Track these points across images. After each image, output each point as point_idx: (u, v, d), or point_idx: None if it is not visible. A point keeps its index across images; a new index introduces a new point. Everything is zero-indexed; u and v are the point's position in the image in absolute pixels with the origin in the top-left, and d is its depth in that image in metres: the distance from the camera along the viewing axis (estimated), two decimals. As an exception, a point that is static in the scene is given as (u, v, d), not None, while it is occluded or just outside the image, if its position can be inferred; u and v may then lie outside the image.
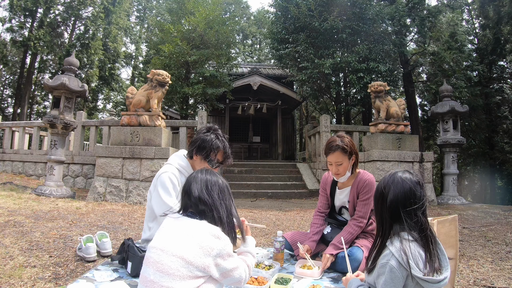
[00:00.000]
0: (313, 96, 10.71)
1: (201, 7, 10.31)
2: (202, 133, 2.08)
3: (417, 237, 1.20)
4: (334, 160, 2.15)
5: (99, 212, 4.43)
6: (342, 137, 2.16)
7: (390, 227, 1.25)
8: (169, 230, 1.37)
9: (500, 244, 3.16)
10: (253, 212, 5.12)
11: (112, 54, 18.49)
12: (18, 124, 9.17)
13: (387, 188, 1.26)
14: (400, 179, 1.26)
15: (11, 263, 2.14)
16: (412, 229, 1.21)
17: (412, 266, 1.13)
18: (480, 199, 15.80)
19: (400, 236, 1.21)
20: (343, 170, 2.16)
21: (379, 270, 1.17)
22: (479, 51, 14.26)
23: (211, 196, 1.43)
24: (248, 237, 1.72)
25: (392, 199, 1.24)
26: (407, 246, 1.17)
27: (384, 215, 1.27)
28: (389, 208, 1.24)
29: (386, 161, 6.22)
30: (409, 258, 1.14)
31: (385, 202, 1.26)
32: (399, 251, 1.16)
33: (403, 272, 1.14)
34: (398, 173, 1.29)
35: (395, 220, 1.23)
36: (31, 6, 13.50)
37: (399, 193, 1.23)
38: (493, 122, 14.20)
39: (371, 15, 8.74)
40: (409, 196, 1.22)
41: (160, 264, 1.26)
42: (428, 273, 1.15)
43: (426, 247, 1.20)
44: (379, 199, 1.30)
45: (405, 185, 1.23)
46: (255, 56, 26.25)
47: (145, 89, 6.04)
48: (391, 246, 1.19)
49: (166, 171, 2.06)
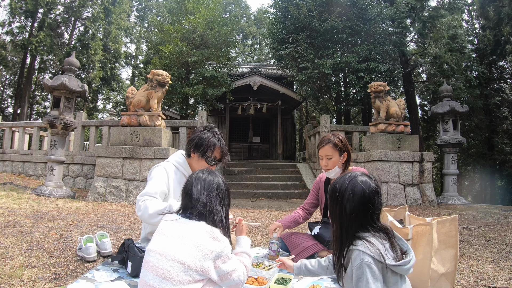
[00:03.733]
0: (313, 96, 10.71)
1: (201, 8, 10.31)
2: (199, 131, 2.10)
3: (376, 233, 1.23)
4: (324, 154, 2.24)
5: (99, 212, 4.43)
6: (336, 134, 2.28)
7: (347, 229, 1.25)
8: (167, 233, 1.35)
9: (500, 244, 3.16)
10: (253, 212, 5.12)
11: (113, 55, 18.48)
12: (18, 124, 9.17)
13: (346, 194, 1.25)
14: (359, 186, 1.25)
15: (11, 263, 2.14)
16: (370, 229, 1.24)
17: (383, 256, 1.15)
18: (480, 199, 15.81)
19: (361, 236, 1.22)
20: (332, 164, 2.24)
21: (357, 273, 1.16)
22: (479, 52, 14.27)
23: (212, 198, 1.42)
24: (243, 237, 1.71)
25: (350, 205, 1.24)
26: (372, 241, 1.19)
27: (340, 219, 1.27)
28: (346, 213, 1.24)
29: (386, 161, 6.23)
30: (380, 250, 1.16)
31: (343, 208, 1.26)
32: (368, 248, 1.17)
33: (378, 265, 1.15)
34: (358, 177, 1.28)
35: (351, 223, 1.24)
36: (32, 8, 13.49)
37: (358, 200, 1.23)
38: (493, 123, 14.21)
39: (371, 16, 8.74)
40: (367, 203, 1.23)
41: (160, 269, 1.26)
42: (398, 258, 1.19)
43: (387, 238, 1.23)
44: (337, 203, 1.29)
45: (364, 192, 1.24)
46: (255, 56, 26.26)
47: (145, 89, 6.04)
48: (357, 246, 1.20)
49: (158, 165, 2.09)
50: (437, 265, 1.68)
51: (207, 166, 2.05)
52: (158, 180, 1.98)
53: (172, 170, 2.08)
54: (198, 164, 2.06)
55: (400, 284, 1.18)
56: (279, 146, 13.07)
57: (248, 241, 1.71)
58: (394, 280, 1.17)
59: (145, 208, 1.79)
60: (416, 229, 1.75)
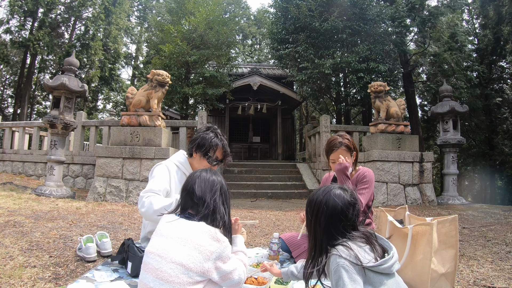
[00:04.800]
0: (313, 96, 10.71)
1: (201, 8, 10.31)
2: (202, 131, 2.13)
3: (354, 237, 1.24)
4: (338, 158, 2.18)
5: (99, 212, 4.43)
6: (343, 136, 2.24)
7: (321, 239, 1.27)
8: (166, 235, 1.34)
9: (500, 244, 3.16)
10: (253, 212, 5.12)
11: (112, 55, 18.47)
12: (18, 124, 9.17)
13: (320, 207, 1.28)
14: (332, 200, 1.27)
15: (11, 263, 2.14)
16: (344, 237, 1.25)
17: (361, 259, 1.15)
18: (480, 199, 15.82)
19: (337, 243, 1.24)
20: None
21: (334, 276, 1.17)
22: (479, 51, 14.26)
23: (216, 198, 1.41)
24: (238, 235, 1.71)
25: (324, 217, 1.26)
26: (348, 245, 1.20)
27: (315, 229, 1.30)
28: (320, 224, 1.27)
29: (386, 161, 6.23)
30: (356, 252, 1.17)
31: (318, 220, 1.28)
32: (343, 252, 1.17)
33: (355, 268, 1.15)
34: (331, 191, 1.30)
35: (326, 233, 1.27)
36: (32, 7, 13.49)
37: (330, 213, 1.26)
38: (493, 123, 14.20)
39: (371, 16, 8.74)
40: (339, 216, 1.25)
41: (160, 271, 1.25)
42: (377, 258, 1.18)
43: (366, 242, 1.24)
44: (312, 216, 1.31)
45: (336, 206, 1.26)
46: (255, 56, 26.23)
47: (145, 89, 6.04)
48: (333, 252, 1.21)
49: (160, 163, 2.10)
50: (437, 265, 1.68)
51: (209, 166, 2.06)
52: (160, 178, 1.99)
53: (173, 169, 2.09)
54: (200, 163, 2.07)
55: (387, 282, 1.18)
56: (279, 146, 13.07)
57: (243, 239, 1.71)
58: (379, 280, 1.17)
59: (150, 204, 1.80)
60: (416, 229, 1.75)
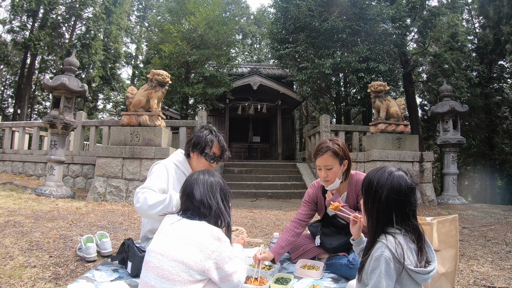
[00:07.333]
0: (313, 96, 10.70)
1: (201, 7, 10.31)
2: (197, 131, 2.14)
3: (407, 233, 1.22)
4: (323, 164, 1.95)
5: (99, 212, 4.43)
6: (334, 140, 2.01)
7: (381, 224, 1.24)
8: (168, 233, 1.35)
9: (500, 244, 3.16)
10: (253, 212, 5.12)
11: (113, 55, 18.48)
12: (18, 124, 9.16)
13: (382, 187, 1.24)
14: (397, 181, 1.23)
15: (11, 263, 2.14)
16: (403, 226, 1.22)
17: (405, 258, 1.14)
18: (480, 199, 15.80)
19: (391, 231, 1.21)
20: (333, 176, 1.96)
21: (373, 264, 1.16)
22: (479, 51, 14.26)
23: (215, 200, 1.42)
24: (237, 244, 1.74)
25: (386, 199, 1.22)
26: (399, 239, 1.18)
27: (375, 213, 1.26)
28: (382, 207, 1.23)
29: (386, 161, 6.22)
30: (404, 250, 1.15)
31: (377, 200, 1.24)
32: (392, 244, 1.16)
33: (396, 264, 1.14)
34: (394, 172, 1.26)
35: (386, 218, 1.23)
36: (35, 6, 13.48)
37: (393, 194, 1.22)
38: (493, 122, 14.19)
39: (371, 15, 8.73)
40: (403, 199, 1.22)
41: (161, 269, 1.26)
42: (419, 265, 1.17)
43: (417, 241, 1.21)
44: (371, 195, 1.28)
45: (401, 187, 1.22)
46: (255, 56, 26.23)
47: (145, 89, 6.04)
48: (384, 239, 1.19)
49: (159, 162, 2.11)
50: (437, 265, 1.68)
51: (207, 164, 2.06)
52: (158, 176, 2.00)
53: (172, 168, 2.08)
54: (198, 162, 2.07)
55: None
56: (279, 146, 13.07)
57: (241, 247, 1.74)
58: (409, 285, 1.16)
59: (145, 199, 1.80)
60: (416, 229, 1.75)
